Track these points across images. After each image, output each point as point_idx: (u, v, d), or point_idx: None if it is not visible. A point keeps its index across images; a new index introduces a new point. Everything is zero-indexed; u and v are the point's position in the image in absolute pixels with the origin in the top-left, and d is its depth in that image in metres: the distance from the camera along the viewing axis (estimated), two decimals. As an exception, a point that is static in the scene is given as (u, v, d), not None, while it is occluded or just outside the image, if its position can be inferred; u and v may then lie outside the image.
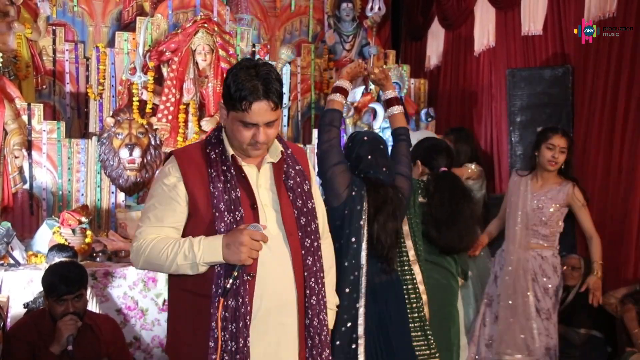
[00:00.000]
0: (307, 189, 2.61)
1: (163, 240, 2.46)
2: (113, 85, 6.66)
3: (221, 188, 2.44)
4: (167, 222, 2.50)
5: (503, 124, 7.03)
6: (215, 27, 6.40)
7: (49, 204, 6.22)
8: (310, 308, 2.53)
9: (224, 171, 2.47)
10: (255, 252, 2.33)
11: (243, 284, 2.37)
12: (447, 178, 4.09)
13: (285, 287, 2.50)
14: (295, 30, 8.51)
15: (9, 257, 5.05)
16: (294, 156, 2.65)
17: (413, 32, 9.18)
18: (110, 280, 5.05)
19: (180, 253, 2.39)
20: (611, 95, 5.69)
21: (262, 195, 2.52)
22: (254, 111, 2.38)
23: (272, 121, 2.43)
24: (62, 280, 3.67)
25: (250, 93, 2.37)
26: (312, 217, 2.59)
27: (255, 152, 2.51)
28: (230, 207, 2.42)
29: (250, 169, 2.54)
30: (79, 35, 7.68)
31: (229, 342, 2.36)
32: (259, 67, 2.41)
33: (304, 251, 2.53)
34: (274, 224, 2.50)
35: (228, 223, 2.41)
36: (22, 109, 6.14)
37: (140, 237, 2.51)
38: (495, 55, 7.43)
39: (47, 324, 3.69)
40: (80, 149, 6.33)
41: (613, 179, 5.66)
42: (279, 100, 2.42)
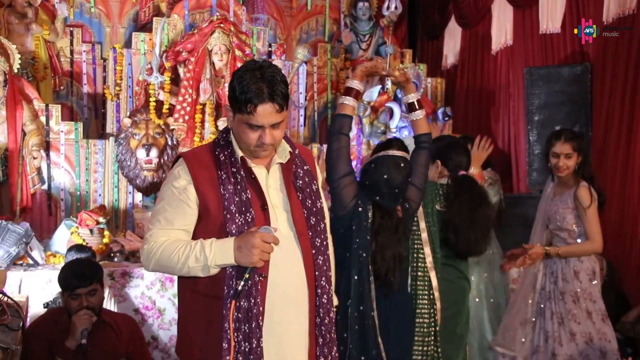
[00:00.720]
0: (316, 189, 2.62)
1: (174, 242, 2.46)
2: (130, 86, 6.68)
3: (232, 190, 2.44)
4: (178, 225, 2.50)
5: (521, 123, 6.99)
6: (231, 27, 6.41)
7: (67, 205, 6.25)
8: (322, 307, 2.54)
9: (234, 173, 2.48)
10: (266, 254, 2.34)
11: (255, 284, 2.38)
12: (466, 183, 4.03)
13: (297, 287, 2.51)
14: (312, 30, 8.50)
15: (28, 258, 5.07)
16: (301, 156, 2.65)
17: (430, 30, 9.15)
18: (128, 280, 5.06)
19: (191, 255, 2.40)
20: (630, 93, 5.66)
21: (272, 196, 2.53)
22: (259, 113, 2.39)
23: (278, 123, 2.44)
24: (75, 275, 3.71)
25: (255, 95, 2.38)
26: (321, 216, 2.60)
27: (263, 153, 2.51)
28: (241, 208, 2.43)
29: (260, 170, 2.54)
30: (96, 36, 7.71)
31: (243, 342, 2.38)
32: (264, 69, 2.42)
33: (314, 250, 2.54)
34: (284, 224, 2.52)
35: (239, 225, 2.42)
36: (40, 110, 6.18)
37: (151, 239, 2.51)
38: (513, 54, 7.39)
39: (65, 320, 3.71)
40: (98, 149, 6.36)
41: (631, 178, 5.61)
42: (284, 102, 2.42)
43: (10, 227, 4.89)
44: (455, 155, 4.14)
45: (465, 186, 3.98)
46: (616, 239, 5.77)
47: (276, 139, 2.47)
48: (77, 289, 3.68)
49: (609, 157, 5.87)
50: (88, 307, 3.68)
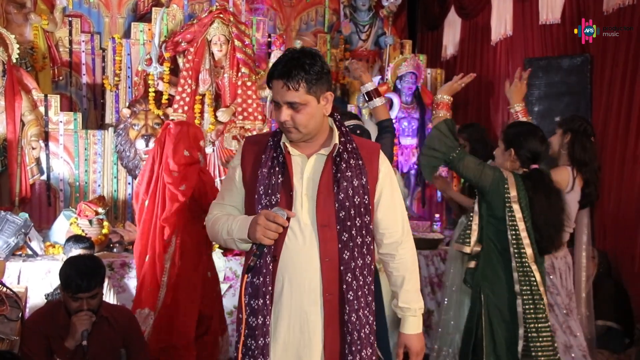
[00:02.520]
0: (360, 184, 2.58)
1: (223, 216, 2.66)
2: (129, 76, 6.67)
3: (265, 172, 2.57)
4: (227, 201, 2.74)
5: (520, 114, 6.97)
6: (230, 17, 6.39)
7: (66, 195, 6.25)
8: (348, 303, 2.53)
9: (274, 157, 2.60)
10: (270, 232, 2.41)
11: (266, 264, 2.50)
12: (539, 179, 3.87)
13: (309, 275, 2.53)
14: (311, 20, 8.48)
15: (27, 248, 5.08)
16: (356, 151, 2.63)
17: (429, 21, 9.13)
18: (127, 271, 5.07)
19: (225, 228, 2.60)
20: (629, 84, 5.64)
21: (306, 185, 2.57)
22: (273, 88, 2.52)
23: (295, 103, 2.48)
24: (79, 277, 3.63)
25: (273, 70, 2.52)
26: (358, 212, 2.57)
27: (290, 136, 2.56)
28: (268, 190, 2.55)
29: (300, 157, 2.61)
30: (95, 26, 7.70)
31: (251, 317, 2.52)
32: (297, 53, 2.52)
33: (340, 245, 2.54)
34: (307, 213, 2.56)
35: (264, 205, 2.54)
36: (39, 100, 6.17)
37: (210, 212, 2.77)
38: (512, 44, 7.37)
39: (63, 315, 3.70)
40: (97, 140, 6.35)
41: (631, 168, 5.62)
42: (302, 83, 2.46)
43: (9, 217, 4.89)
44: (530, 144, 3.91)
45: (539, 183, 3.85)
46: (615, 230, 5.79)
47: (296, 121, 2.51)
48: (79, 293, 3.64)
49: (607, 148, 5.87)
50: (88, 309, 3.67)
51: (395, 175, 2.80)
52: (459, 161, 3.87)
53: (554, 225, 3.84)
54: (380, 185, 2.69)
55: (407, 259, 2.77)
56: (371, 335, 2.62)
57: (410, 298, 2.76)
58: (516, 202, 3.75)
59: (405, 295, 2.76)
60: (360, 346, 2.55)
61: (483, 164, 3.88)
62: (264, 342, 2.50)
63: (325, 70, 2.54)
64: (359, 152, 2.64)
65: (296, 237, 2.53)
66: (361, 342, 2.56)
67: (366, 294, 2.60)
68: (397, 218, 2.74)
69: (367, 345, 2.58)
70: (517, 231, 3.74)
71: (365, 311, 2.58)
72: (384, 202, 2.70)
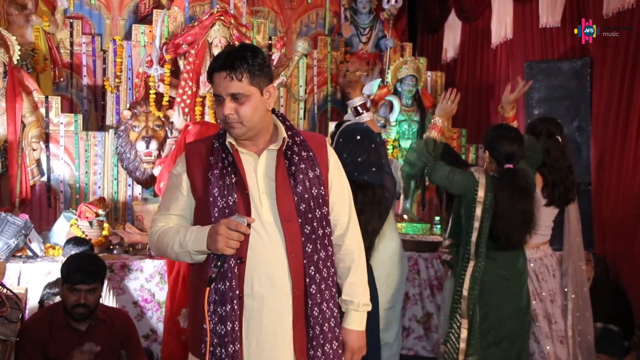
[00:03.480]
0: (314, 176, 2.57)
1: (169, 228, 2.58)
2: (130, 78, 6.68)
3: (217, 174, 2.50)
4: (173, 210, 2.63)
5: (521, 117, 6.96)
6: (231, 19, 6.40)
7: (66, 197, 6.26)
8: (310, 297, 2.50)
9: (223, 158, 2.54)
10: (232, 242, 2.35)
11: (231, 268, 2.42)
12: (509, 176, 4.02)
13: (278, 273, 2.49)
14: (312, 23, 8.49)
15: (27, 250, 5.08)
16: (304, 143, 2.62)
17: (430, 24, 9.15)
18: (127, 273, 5.07)
19: (176, 241, 2.51)
20: (628, 88, 5.66)
21: (259, 182, 2.53)
22: (215, 81, 2.49)
23: (238, 95, 2.45)
24: (79, 269, 3.71)
25: (213, 64, 2.49)
26: (317, 204, 2.55)
27: (233, 132, 2.51)
28: (224, 192, 2.48)
29: (249, 156, 2.56)
30: (96, 28, 7.72)
31: (218, 324, 2.42)
32: (237, 46, 2.56)
33: (304, 238, 2.51)
34: (268, 210, 2.51)
35: (221, 208, 2.46)
36: (40, 101, 6.18)
37: (153, 224, 2.66)
38: (512, 48, 7.39)
39: (61, 315, 3.72)
40: (98, 141, 6.36)
41: (630, 172, 5.63)
42: (245, 73, 2.45)
43: (10, 218, 4.89)
44: (501, 146, 4.08)
45: (507, 179, 4.01)
46: (614, 234, 5.80)
47: (240, 114, 2.47)
48: (79, 284, 3.68)
49: (607, 151, 5.88)
50: (85, 304, 3.69)
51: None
52: (432, 174, 4.11)
53: (514, 223, 3.96)
54: (331, 175, 2.68)
55: (352, 250, 2.73)
56: (337, 328, 2.59)
57: (354, 291, 2.71)
58: (481, 202, 3.92)
59: (350, 288, 2.71)
60: (323, 340, 2.52)
61: (453, 171, 4.06)
62: (234, 348, 2.42)
63: (267, 64, 2.52)
64: (307, 144, 2.63)
65: (260, 236, 2.47)
66: (324, 336, 2.52)
67: (330, 286, 2.56)
68: (345, 208, 2.73)
69: (332, 339, 2.55)
70: (472, 228, 3.95)
71: (329, 304, 2.55)
72: (335, 193, 2.68)
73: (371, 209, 3.38)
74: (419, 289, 5.65)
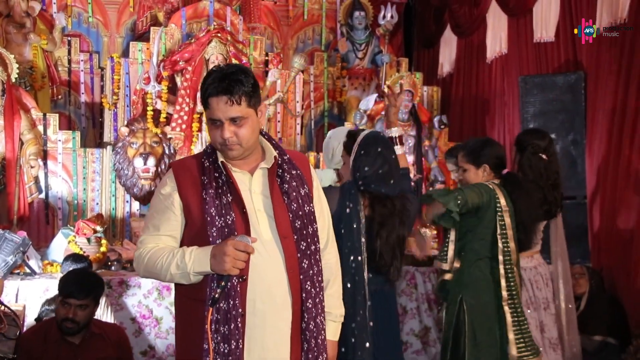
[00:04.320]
0: (305, 193, 2.61)
1: (160, 249, 2.54)
2: (127, 95, 6.71)
3: (212, 194, 2.50)
4: (163, 231, 2.58)
5: (516, 131, 6.99)
6: (228, 36, 6.44)
7: (64, 213, 6.28)
8: (307, 311, 2.53)
9: (216, 178, 2.54)
10: (240, 262, 2.37)
11: (234, 287, 2.41)
12: (516, 182, 4.10)
13: (279, 290, 2.52)
14: (308, 39, 8.54)
15: (25, 267, 5.08)
16: (291, 162, 2.67)
17: (425, 39, 9.19)
18: (125, 289, 5.08)
19: (173, 263, 2.47)
20: (621, 101, 5.69)
21: (255, 200, 2.55)
22: (212, 106, 2.48)
23: (237, 118, 2.48)
24: (73, 283, 3.77)
25: (209, 88, 2.49)
26: (309, 220, 2.59)
27: (231, 153, 2.53)
28: (222, 211, 2.47)
29: (243, 175, 2.58)
30: (93, 45, 7.76)
31: (221, 344, 2.41)
32: (227, 68, 2.53)
33: (299, 254, 2.54)
34: (266, 227, 2.54)
35: (219, 227, 2.46)
36: (38, 119, 6.21)
37: (141, 246, 2.60)
38: (507, 62, 7.43)
39: (55, 330, 3.74)
40: (95, 158, 6.39)
41: (622, 185, 5.66)
42: (242, 97, 2.47)
43: (8, 236, 4.87)
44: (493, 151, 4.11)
45: (516, 183, 4.08)
46: (609, 246, 5.82)
47: (241, 137, 2.50)
48: (69, 298, 3.71)
49: (602, 165, 5.91)
50: (74, 319, 3.71)
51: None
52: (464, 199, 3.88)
53: (536, 220, 4.11)
54: (315, 192, 2.72)
55: (331, 264, 2.78)
56: (325, 340, 2.62)
57: (332, 303, 2.77)
58: (507, 210, 3.90)
59: (328, 300, 2.74)
60: (317, 352, 2.55)
61: (477, 187, 3.96)
62: None
63: (257, 83, 2.56)
64: (294, 163, 2.67)
65: (260, 254, 2.47)
66: (318, 348, 2.56)
67: (321, 299, 2.60)
68: (324, 224, 2.77)
69: (322, 351, 2.59)
70: (507, 239, 3.89)
71: (321, 317, 2.59)
72: (317, 209, 2.70)
73: (391, 220, 3.39)
74: (416, 302, 5.65)
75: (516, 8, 7.18)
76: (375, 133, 3.64)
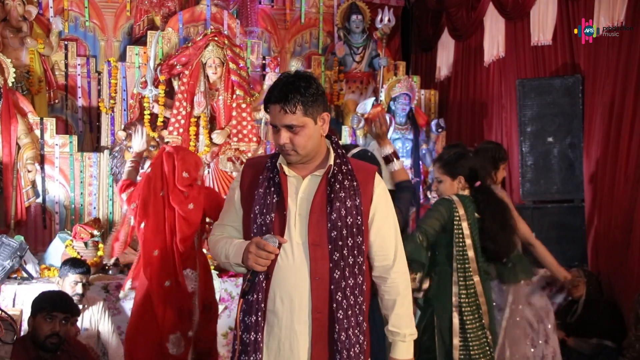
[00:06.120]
0: (353, 205, 2.61)
1: (223, 238, 2.74)
2: (124, 99, 6.71)
3: (262, 193, 2.63)
4: (226, 221, 2.80)
5: (514, 134, 7.03)
6: (225, 40, 6.44)
7: (61, 218, 6.26)
8: (337, 322, 2.55)
9: (270, 178, 2.65)
10: (261, 260, 2.48)
11: (260, 282, 2.55)
12: (487, 192, 4.15)
13: (298, 293, 2.56)
14: (305, 43, 8.55)
15: (22, 271, 5.08)
16: (350, 172, 2.67)
17: (423, 43, 9.20)
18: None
19: (223, 252, 2.67)
20: (619, 104, 5.70)
21: (299, 205, 2.61)
22: (271, 112, 2.58)
23: (293, 126, 2.53)
24: (56, 297, 3.79)
25: (270, 95, 2.57)
26: (351, 232, 2.59)
27: (289, 158, 2.60)
28: (263, 210, 2.60)
29: (295, 179, 2.65)
30: (90, 49, 7.75)
31: (244, 333, 2.57)
32: (291, 76, 2.58)
33: (332, 264, 2.56)
34: (299, 232, 2.59)
35: (259, 225, 2.59)
36: (35, 123, 6.20)
37: (212, 233, 2.85)
38: (505, 66, 7.43)
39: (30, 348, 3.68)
40: (93, 162, 6.38)
41: (621, 188, 5.66)
42: (298, 106, 2.52)
43: (5, 240, 4.90)
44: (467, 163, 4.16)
45: (488, 195, 4.13)
46: (607, 249, 5.82)
47: (295, 143, 2.55)
48: (55, 311, 3.69)
49: (599, 168, 5.91)
50: (58, 334, 3.68)
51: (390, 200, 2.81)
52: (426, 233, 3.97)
53: (508, 231, 4.13)
54: (374, 206, 2.70)
55: (398, 283, 2.76)
56: (361, 355, 2.61)
57: (400, 322, 2.75)
58: (465, 219, 3.96)
59: (396, 320, 2.75)
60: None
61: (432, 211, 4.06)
62: (255, 357, 2.54)
63: (320, 91, 2.58)
64: (354, 174, 2.67)
65: (287, 256, 2.56)
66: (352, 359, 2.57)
67: (357, 313, 2.60)
68: (389, 241, 2.74)
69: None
70: (464, 247, 3.96)
71: (355, 330, 2.59)
72: (377, 224, 2.70)
73: None
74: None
75: (514, 11, 7.18)
76: (363, 152, 3.73)
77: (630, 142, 5.58)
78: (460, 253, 3.96)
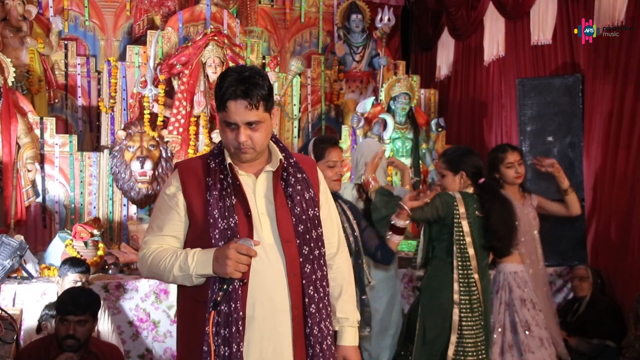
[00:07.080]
0: (310, 197, 2.59)
1: (164, 250, 2.52)
2: (124, 99, 6.70)
3: (216, 196, 2.48)
4: (167, 231, 2.57)
5: (513, 134, 7.02)
6: (225, 39, 6.44)
7: (61, 217, 6.26)
8: (310, 316, 2.52)
9: (221, 180, 2.52)
10: (242, 265, 2.36)
11: (235, 290, 2.40)
12: (492, 190, 4.20)
13: (279, 294, 2.50)
14: (305, 42, 8.56)
15: (22, 271, 5.08)
16: (298, 165, 2.65)
17: (423, 42, 9.20)
18: (122, 293, 5.07)
19: (176, 264, 2.45)
20: (618, 104, 5.70)
21: (258, 203, 2.54)
22: (230, 109, 2.44)
23: (254, 122, 2.46)
24: (70, 301, 3.76)
25: (227, 92, 2.44)
26: (313, 224, 2.57)
27: (245, 157, 2.53)
28: (225, 214, 2.46)
29: (248, 177, 2.57)
30: (90, 49, 7.76)
31: (222, 346, 2.39)
32: (244, 70, 2.49)
33: (302, 259, 2.52)
34: (268, 231, 2.52)
35: (222, 229, 2.45)
36: (35, 122, 6.20)
37: (145, 246, 2.59)
38: (505, 65, 7.43)
39: (54, 347, 3.73)
40: (92, 162, 6.38)
41: (619, 186, 5.66)
42: (259, 101, 2.45)
43: (5, 240, 4.90)
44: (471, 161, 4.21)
45: (493, 192, 4.19)
46: (606, 248, 5.82)
47: (255, 140, 2.48)
48: (68, 315, 3.71)
49: (599, 167, 5.92)
50: (74, 336, 3.70)
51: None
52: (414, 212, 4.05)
53: (511, 228, 4.16)
54: (322, 197, 2.71)
55: (343, 269, 2.77)
56: (332, 346, 2.61)
57: (348, 309, 2.75)
58: (465, 217, 4.02)
59: (343, 306, 2.74)
60: (322, 358, 2.54)
61: (435, 200, 4.07)
62: None
63: (272, 86, 2.55)
64: (300, 166, 2.65)
65: (261, 258, 2.46)
66: (323, 354, 2.54)
67: (326, 305, 2.59)
68: (334, 229, 2.76)
69: (329, 356, 2.57)
70: (464, 245, 4.02)
71: (326, 322, 2.57)
72: (324, 214, 2.69)
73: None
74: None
75: (514, 11, 7.18)
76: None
77: (630, 141, 5.58)
78: (460, 250, 4.01)
